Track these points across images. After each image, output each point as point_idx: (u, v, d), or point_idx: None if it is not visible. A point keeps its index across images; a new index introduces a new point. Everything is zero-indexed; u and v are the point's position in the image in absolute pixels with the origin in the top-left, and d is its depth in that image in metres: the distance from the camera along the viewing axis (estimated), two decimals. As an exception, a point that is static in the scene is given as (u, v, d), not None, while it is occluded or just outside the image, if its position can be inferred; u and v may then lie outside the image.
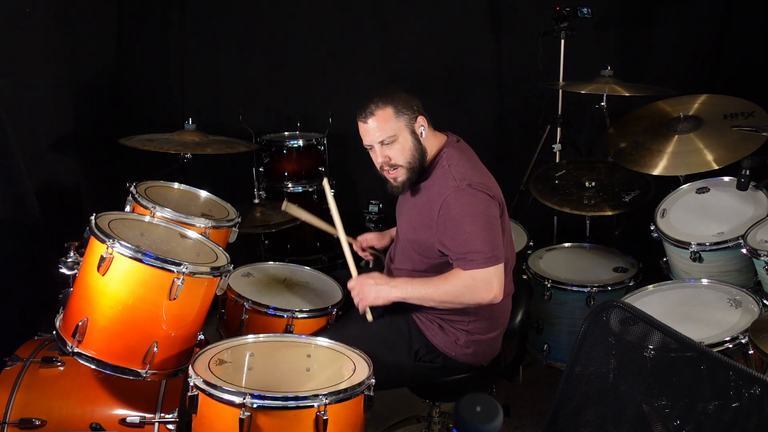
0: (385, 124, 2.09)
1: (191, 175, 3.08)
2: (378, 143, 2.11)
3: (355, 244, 2.54)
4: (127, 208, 2.30)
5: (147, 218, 2.16)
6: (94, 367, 1.85)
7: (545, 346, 2.88)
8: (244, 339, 2.02)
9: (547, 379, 3.06)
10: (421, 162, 2.14)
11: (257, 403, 1.66)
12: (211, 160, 3.31)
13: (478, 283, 2.00)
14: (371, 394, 1.81)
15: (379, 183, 2.23)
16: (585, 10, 3.42)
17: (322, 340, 2.03)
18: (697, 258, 2.43)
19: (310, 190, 3.80)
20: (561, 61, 3.48)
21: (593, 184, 3.09)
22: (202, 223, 2.29)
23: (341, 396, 1.72)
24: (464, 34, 4.06)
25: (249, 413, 1.65)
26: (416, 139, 2.12)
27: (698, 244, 2.43)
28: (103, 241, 1.82)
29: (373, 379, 1.82)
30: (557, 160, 3.53)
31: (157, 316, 1.86)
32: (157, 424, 1.97)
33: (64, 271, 2.08)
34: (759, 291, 2.28)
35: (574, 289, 2.79)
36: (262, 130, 3.89)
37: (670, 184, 2.80)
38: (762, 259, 2.17)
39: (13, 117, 2.63)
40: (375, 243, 2.55)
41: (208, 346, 1.93)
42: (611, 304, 1.54)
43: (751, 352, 1.91)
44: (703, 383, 1.42)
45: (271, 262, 2.70)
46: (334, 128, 3.84)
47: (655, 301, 2.28)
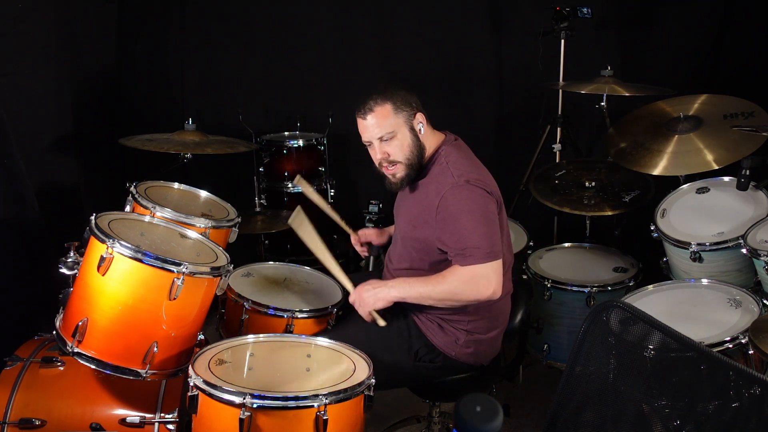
0: (384, 120, 2.09)
1: (191, 175, 3.08)
2: (377, 139, 2.11)
3: (354, 238, 2.54)
4: (127, 208, 2.30)
5: (147, 218, 2.16)
6: (94, 367, 1.85)
7: (545, 346, 2.88)
8: (244, 339, 2.02)
9: (547, 379, 3.06)
10: (420, 159, 2.14)
11: (257, 403, 1.66)
12: (211, 160, 3.32)
13: (476, 279, 1.99)
14: (371, 394, 1.81)
15: (379, 183, 2.23)
16: (585, 10, 3.42)
17: (322, 340, 2.03)
18: (697, 258, 2.43)
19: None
20: (561, 61, 3.48)
21: (593, 184, 3.09)
22: (202, 223, 2.29)
23: (341, 396, 1.72)
24: (464, 34, 4.06)
25: (249, 413, 1.65)
26: (415, 136, 2.12)
27: (698, 244, 2.43)
28: (103, 241, 1.82)
29: (373, 379, 1.82)
30: (557, 160, 3.53)
31: (157, 316, 1.86)
32: (157, 424, 1.97)
33: (64, 271, 2.08)
34: (759, 291, 2.28)
35: (574, 289, 2.79)
36: (262, 130, 3.89)
37: (670, 184, 2.79)
38: (762, 259, 2.17)
39: (13, 117, 2.63)
40: (373, 239, 2.55)
41: (208, 346, 1.93)
42: (611, 304, 1.54)
43: (751, 352, 1.91)
44: (703, 383, 1.42)
45: (271, 262, 2.70)
46: (334, 128, 3.83)
47: (655, 301, 2.28)
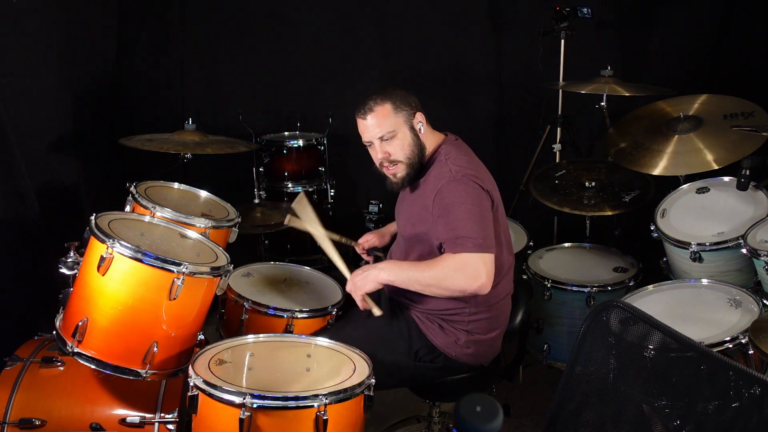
0: (384, 119, 2.09)
1: (191, 175, 3.07)
2: (377, 139, 2.11)
3: (358, 247, 2.54)
4: (127, 208, 2.29)
5: (147, 218, 2.15)
6: (94, 367, 1.85)
7: (545, 346, 2.88)
8: (244, 339, 2.02)
9: (547, 379, 3.05)
10: (421, 157, 2.14)
11: (257, 403, 1.66)
12: (211, 160, 3.32)
13: (465, 268, 1.95)
14: (371, 394, 1.81)
15: (379, 183, 2.23)
16: (585, 10, 3.42)
17: (322, 340, 2.03)
18: (697, 258, 2.43)
19: (310, 190, 3.80)
20: (561, 61, 3.48)
21: (593, 184, 3.09)
22: (202, 223, 2.29)
23: (341, 396, 1.72)
24: (464, 34, 4.06)
25: (249, 413, 1.65)
26: (415, 135, 2.13)
27: (698, 244, 2.43)
28: (103, 241, 1.81)
29: (373, 379, 1.82)
30: (557, 160, 3.52)
31: (157, 316, 1.86)
32: (157, 424, 1.97)
33: (64, 271, 2.08)
34: (759, 291, 2.28)
35: (574, 289, 2.79)
36: (262, 130, 3.89)
37: (670, 184, 2.79)
38: (762, 259, 2.17)
39: (13, 117, 2.63)
40: (376, 243, 2.55)
41: (208, 346, 1.93)
42: (611, 304, 1.54)
43: (751, 352, 1.91)
44: (703, 383, 1.42)
45: (271, 262, 2.70)
46: (334, 128, 3.84)
47: (655, 301, 2.28)
